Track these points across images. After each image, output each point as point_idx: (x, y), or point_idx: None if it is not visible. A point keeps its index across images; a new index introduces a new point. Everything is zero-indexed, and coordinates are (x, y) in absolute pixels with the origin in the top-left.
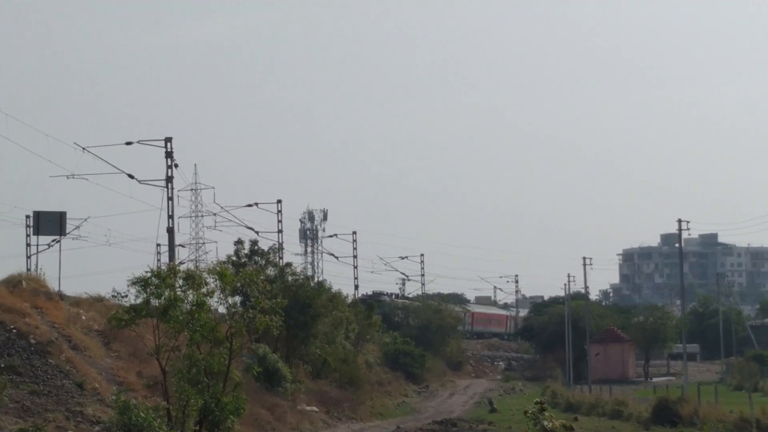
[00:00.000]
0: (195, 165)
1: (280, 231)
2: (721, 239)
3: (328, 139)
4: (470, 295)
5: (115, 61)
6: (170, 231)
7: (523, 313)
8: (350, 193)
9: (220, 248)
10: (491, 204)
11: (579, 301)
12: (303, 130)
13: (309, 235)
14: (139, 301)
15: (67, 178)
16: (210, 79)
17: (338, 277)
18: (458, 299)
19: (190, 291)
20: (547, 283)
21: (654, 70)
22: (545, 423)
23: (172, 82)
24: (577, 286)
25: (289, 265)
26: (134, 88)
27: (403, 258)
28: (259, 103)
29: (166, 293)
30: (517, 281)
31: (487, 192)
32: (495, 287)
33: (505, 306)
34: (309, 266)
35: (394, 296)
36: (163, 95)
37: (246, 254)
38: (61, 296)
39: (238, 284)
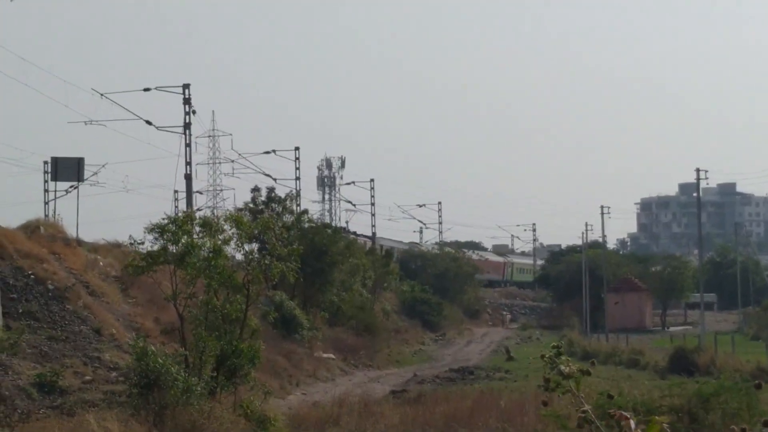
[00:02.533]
0: (213, 112)
1: (297, 178)
2: (739, 189)
3: (346, 86)
4: (488, 244)
5: (133, 6)
6: (188, 178)
7: (541, 261)
8: (368, 140)
9: (237, 195)
10: (509, 152)
11: (596, 250)
12: (320, 77)
13: (327, 182)
14: (156, 247)
15: (85, 124)
16: (229, 25)
17: (356, 224)
18: (475, 248)
19: (207, 238)
20: (565, 232)
21: (674, 17)
22: (562, 367)
23: (190, 27)
24: (595, 235)
25: (305, 212)
26: (152, 34)
27: (420, 206)
28: (277, 49)
29: (183, 240)
30: (534, 230)
31: (505, 140)
32: (512, 236)
33: (504, 254)
34: (326, 213)
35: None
36: (181, 41)
37: (263, 201)
38: (79, 242)
39: (255, 231)
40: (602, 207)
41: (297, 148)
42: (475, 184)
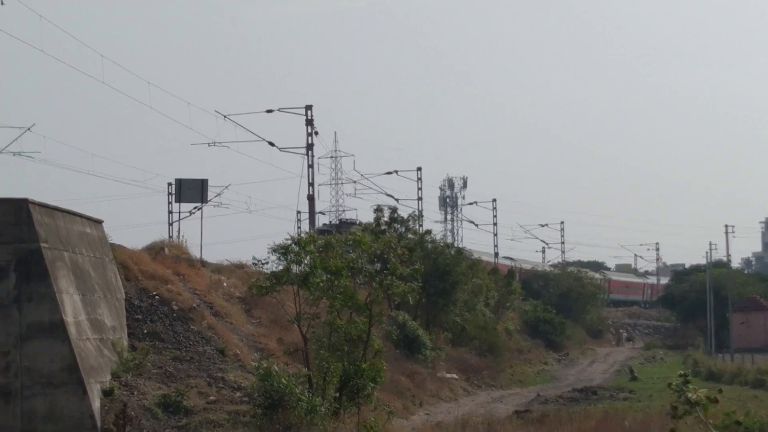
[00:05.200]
0: (335, 132)
1: (419, 198)
2: None
3: (468, 107)
4: (610, 263)
5: (256, 29)
6: (310, 198)
7: (664, 281)
8: (490, 160)
9: (359, 215)
10: (632, 171)
11: (720, 269)
12: (443, 98)
13: (449, 202)
14: (279, 268)
15: (209, 145)
16: (350, 47)
17: (478, 244)
18: (598, 267)
19: (329, 258)
20: (689, 251)
21: None
22: (689, 395)
23: (313, 50)
24: (719, 254)
25: (428, 232)
26: (275, 57)
27: (543, 225)
28: (399, 71)
29: (306, 260)
30: (657, 249)
31: (627, 160)
32: (636, 255)
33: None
34: (449, 234)
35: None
36: (304, 64)
37: (385, 221)
38: (203, 263)
39: (377, 251)
40: (726, 226)
41: (419, 169)
42: (597, 203)
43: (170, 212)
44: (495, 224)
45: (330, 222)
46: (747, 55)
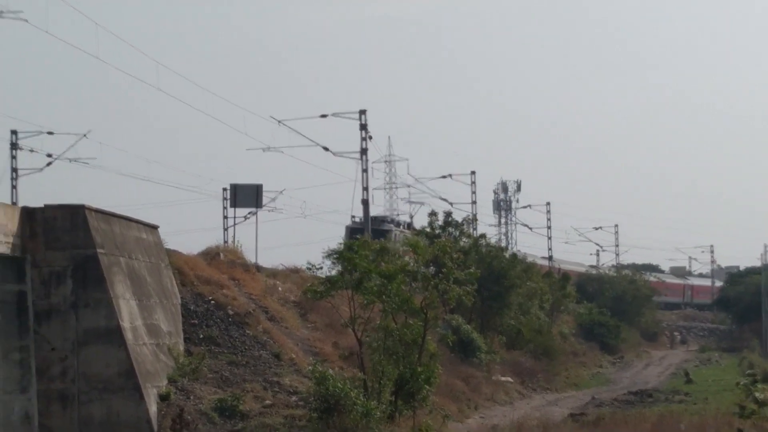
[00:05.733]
0: (389, 137)
1: (473, 202)
2: None
3: (522, 110)
4: (665, 266)
5: (311, 35)
6: (365, 203)
7: (719, 283)
8: (544, 163)
9: (414, 220)
10: (687, 174)
11: None
12: (496, 101)
13: (502, 206)
14: (334, 272)
15: (263, 150)
16: (404, 52)
17: (532, 248)
18: (653, 270)
19: (384, 262)
20: (743, 253)
21: None
22: (757, 395)
23: (367, 55)
24: None
25: (483, 236)
26: (329, 62)
27: (597, 228)
28: (450, 75)
29: (361, 265)
30: (712, 251)
31: (683, 162)
32: (690, 257)
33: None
34: (503, 237)
35: (404, 225)
36: (358, 69)
37: (440, 225)
38: (258, 268)
39: (432, 256)
40: None
41: (473, 172)
42: (652, 206)
43: (225, 217)
44: (549, 227)
45: (360, 219)
46: None
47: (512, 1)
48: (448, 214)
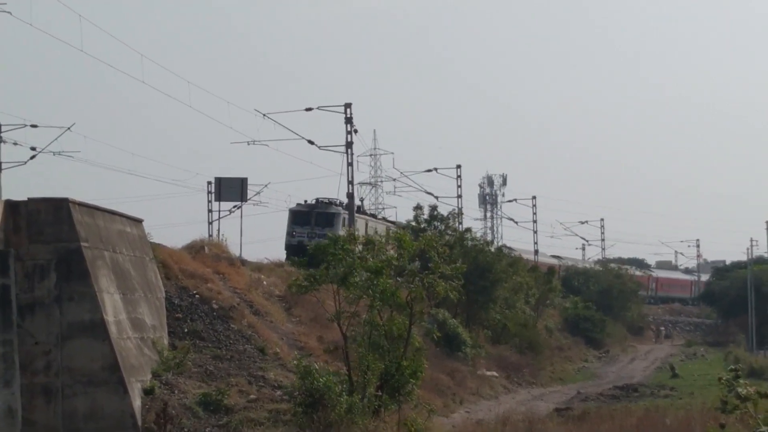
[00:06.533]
0: (374, 131)
1: (459, 196)
2: None
3: (507, 104)
4: (651, 260)
5: (294, 28)
6: (350, 196)
7: (705, 277)
8: (530, 158)
9: (399, 213)
10: (671, 169)
11: (762, 266)
12: (481, 95)
13: (488, 200)
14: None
15: (248, 144)
16: (390, 46)
17: (518, 242)
18: (639, 264)
19: (369, 257)
20: (729, 248)
21: None
22: (740, 390)
23: (353, 49)
24: (760, 251)
25: (468, 230)
26: (315, 55)
27: (583, 223)
28: (436, 69)
29: (346, 260)
30: (698, 246)
31: (666, 157)
32: (676, 252)
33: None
34: (488, 231)
35: (356, 209)
36: (344, 62)
37: (425, 219)
38: (243, 262)
39: (418, 250)
40: (767, 222)
41: (459, 166)
42: (637, 200)
43: (210, 211)
44: (535, 221)
45: (306, 201)
46: None
47: None
48: (433, 208)
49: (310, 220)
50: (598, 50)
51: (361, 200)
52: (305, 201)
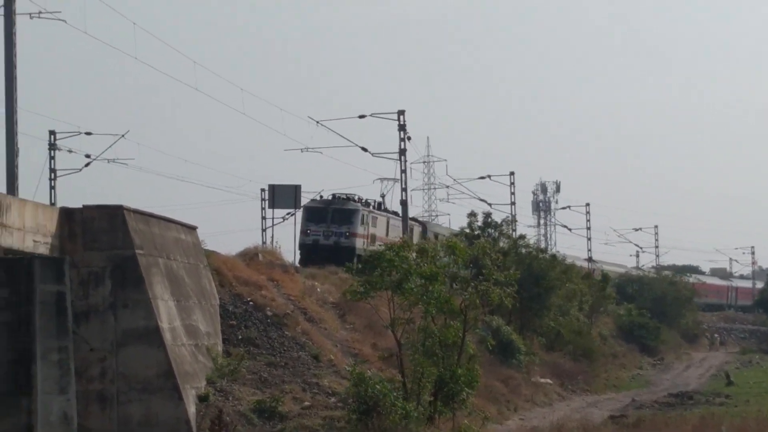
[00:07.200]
0: (427, 138)
1: (512, 203)
2: None
3: (561, 111)
4: (705, 267)
5: (349, 35)
6: (403, 203)
7: (759, 285)
8: (583, 164)
9: (452, 220)
10: (726, 176)
11: None
12: (535, 102)
13: (541, 207)
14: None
15: (302, 151)
16: (442, 51)
17: (571, 248)
18: (693, 271)
19: (424, 264)
20: None
21: None
22: None
23: (405, 56)
24: None
25: (522, 237)
26: (367, 63)
27: (636, 230)
28: (491, 75)
29: (401, 266)
30: (753, 252)
31: (722, 164)
32: (731, 259)
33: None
34: (542, 238)
35: (374, 205)
36: (397, 69)
37: (479, 226)
38: (297, 269)
39: (471, 257)
40: None
41: (512, 173)
42: (692, 207)
43: (263, 218)
44: (588, 228)
45: (321, 196)
46: None
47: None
48: (487, 215)
49: (326, 217)
50: (652, 54)
51: (382, 196)
52: (320, 196)
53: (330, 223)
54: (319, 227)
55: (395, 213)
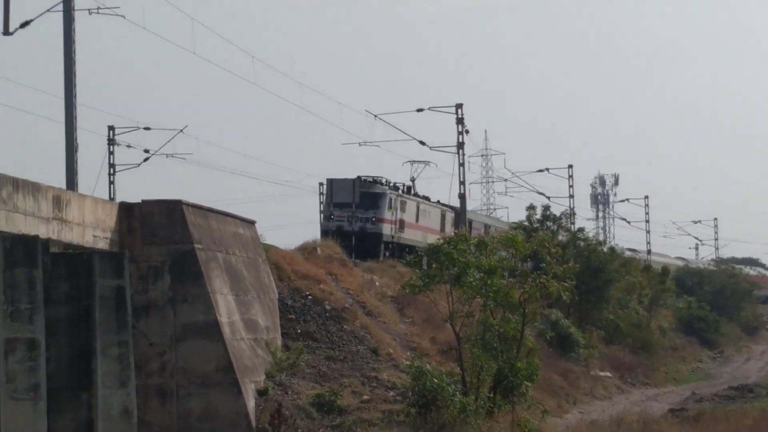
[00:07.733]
0: (485, 131)
1: (571, 196)
2: None
3: (619, 104)
4: (765, 260)
5: (407, 28)
6: (462, 197)
7: None
8: (642, 157)
9: (511, 213)
10: None
11: None
12: (593, 96)
13: (600, 199)
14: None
15: (359, 145)
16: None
17: (630, 242)
18: (753, 264)
19: (483, 257)
20: None
21: None
22: None
23: (464, 47)
24: None
25: (581, 230)
26: (426, 55)
27: (696, 222)
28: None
29: (460, 259)
30: None
31: None
32: None
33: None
34: (600, 231)
35: (403, 189)
36: (455, 61)
37: (538, 219)
38: (355, 263)
39: (530, 250)
40: None
41: (570, 166)
42: (752, 199)
43: (322, 212)
44: (647, 221)
45: (344, 178)
46: None
47: None
48: (546, 208)
49: (352, 199)
50: (703, 48)
51: (412, 180)
52: (345, 178)
53: (356, 207)
54: (343, 212)
55: (426, 197)
